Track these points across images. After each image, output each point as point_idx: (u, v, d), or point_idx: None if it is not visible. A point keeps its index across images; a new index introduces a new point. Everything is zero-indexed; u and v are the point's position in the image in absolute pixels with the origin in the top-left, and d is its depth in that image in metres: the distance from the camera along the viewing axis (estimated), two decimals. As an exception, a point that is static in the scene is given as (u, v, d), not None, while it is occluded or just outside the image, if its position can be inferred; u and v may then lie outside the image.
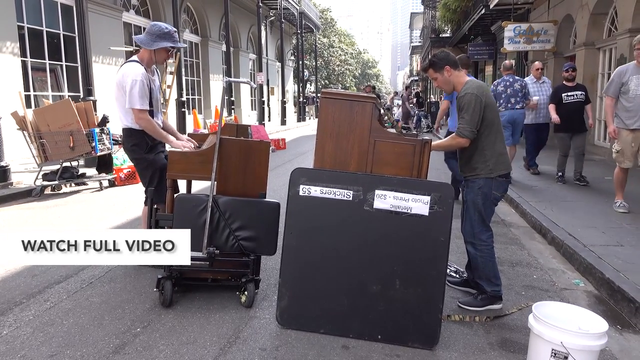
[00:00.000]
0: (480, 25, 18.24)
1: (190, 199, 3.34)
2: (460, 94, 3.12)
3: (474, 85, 3.13)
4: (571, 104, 7.05)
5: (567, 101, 7.05)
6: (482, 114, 3.05)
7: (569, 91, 7.11)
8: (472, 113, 3.02)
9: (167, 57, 3.74)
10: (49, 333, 2.88)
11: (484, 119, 3.07)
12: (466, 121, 3.05)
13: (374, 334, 2.81)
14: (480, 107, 3.03)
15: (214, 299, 3.32)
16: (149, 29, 3.64)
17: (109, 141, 7.50)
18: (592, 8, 10.45)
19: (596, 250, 4.11)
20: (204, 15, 19.06)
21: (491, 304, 3.25)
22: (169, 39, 3.63)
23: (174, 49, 3.73)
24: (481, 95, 3.05)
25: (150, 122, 3.62)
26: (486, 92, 3.11)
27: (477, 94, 3.05)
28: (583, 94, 7.09)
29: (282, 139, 13.69)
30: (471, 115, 3.03)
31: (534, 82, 7.83)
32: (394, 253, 2.84)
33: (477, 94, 3.04)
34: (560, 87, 7.28)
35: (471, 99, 3.04)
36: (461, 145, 3.13)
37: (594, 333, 2.28)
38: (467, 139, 3.07)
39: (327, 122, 3.05)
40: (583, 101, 7.08)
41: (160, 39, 3.60)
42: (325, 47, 49.96)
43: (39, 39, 10.97)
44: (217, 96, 19.60)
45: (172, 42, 3.66)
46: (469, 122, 3.04)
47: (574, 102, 7.06)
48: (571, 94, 7.09)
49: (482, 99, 3.04)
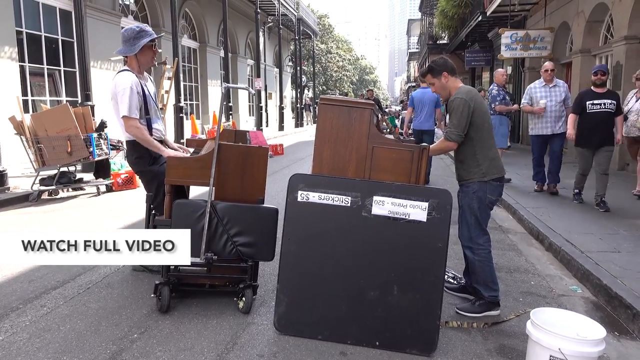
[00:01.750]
0: (477, 32, 18.33)
1: (189, 204, 3.34)
2: (451, 99, 3.21)
3: (463, 90, 3.22)
4: (597, 114, 5.88)
5: (592, 110, 5.90)
6: (469, 119, 3.12)
7: (596, 99, 5.93)
8: (460, 117, 3.11)
9: (153, 54, 3.70)
10: (45, 339, 2.86)
11: (473, 124, 3.14)
12: (453, 125, 3.14)
13: (372, 340, 2.81)
14: (468, 112, 3.11)
15: (211, 305, 3.31)
16: (124, 37, 3.60)
17: (107, 146, 7.50)
18: (588, 15, 10.53)
19: (593, 257, 4.12)
20: (202, 21, 19.10)
21: (489, 310, 3.25)
22: (145, 35, 3.59)
23: (155, 41, 3.67)
24: (470, 100, 3.13)
25: (140, 131, 3.56)
26: (475, 97, 3.18)
27: (466, 98, 3.13)
28: (613, 104, 5.92)
29: (280, 145, 13.70)
30: (458, 119, 3.12)
31: (543, 86, 6.84)
32: (392, 259, 2.84)
33: (466, 99, 3.12)
34: (585, 94, 6.13)
35: (459, 104, 3.12)
36: (450, 148, 3.27)
37: (591, 339, 2.29)
38: (454, 142, 3.17)
39: (325, 128, 3.06)
40: (612, 112, 5.92)
41: (136, 39, 3.57)
42: (323, 53, 50.09)
43: (37, 44, 10.97)
44: (215, 102, 19.61)
45: (149, 35, 3.60)
46: (456, 126, 3.13)
47: (601, 113, 5.88)
48: (598, 102, 5.91)
49: (471, 104, 3.12)
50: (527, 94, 7.00)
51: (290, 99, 35.56)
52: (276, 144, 13.82)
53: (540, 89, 6.88)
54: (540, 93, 6.84)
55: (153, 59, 3.74)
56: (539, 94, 6.83)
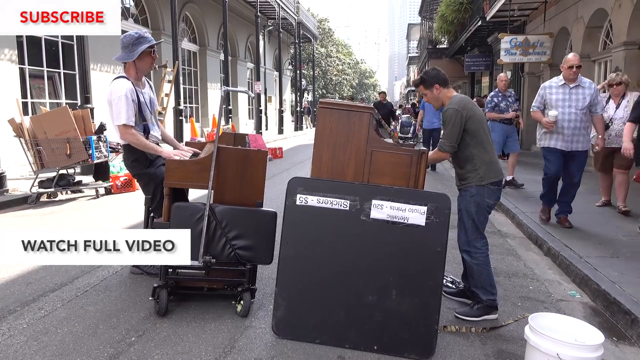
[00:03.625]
0: (477, 36, 18.40)
1: (187, 207, 3.33)
2: (444, 110, 3.26)
3: (455, 100, 3.26)
4: None
5: None
6: (462, 127, 3.17)
7: None
8: (452, 128, 3.17)
9: (151, 60, 3.69)
10: (42, 342, 2.85)
11: (467, 130, 3.19)
12: (445, 136, 3.22)
13: (370, 344, 2.80)
14: (460, 122, 3.15)
15: (209, 308, 3.31)
16: (122, 43, 3.58)
17: (106, 149, 7.49)
18: (587, 21, 10.56)
19: (592, 262, 4.11)
20: (202, 24, 19.14)
21: (487, 314, 3.25)
22: (144, 41, 3.58)
23: (153, 48, 3.67)
24: (462, 109, 3.17)
25: (136, 137, 3.55)
26: (467, 105, 3.22)
27: (458, 108, 3.17)
28: None
29: (279, 148, 13.70)
30: (450, 129, 3.18)
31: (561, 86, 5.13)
32: (390, 263, 2.83)
33: (458, 109, 3.17)
34: None
35: (452, 114, 3.18)
36: (443, 158, 3.40)
37: (590, 345, 2.28)
38: (447, 152, 3.26)
39: (324, 132, 3.07)
40: None
41: (135, 46, 3.56)
42: (323, 56, 50.18)
43: (37, 47, 10.97)
44: (214, 105, 19.62)
45: (148, 42, 3.59)
46: (448, 137, 3.20)
47: None
48: None
49: (463, 113, 3.16)
50: (540, 96, 5.27)
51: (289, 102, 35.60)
52: (275, 147, 13.82)
53: (556, 89, 5.12)
54: (556, 95, 5.09)
55: (152, 65, 3.73)
56: (554, 97, 5.10)
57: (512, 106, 7.94)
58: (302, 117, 30.14)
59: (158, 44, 3.79)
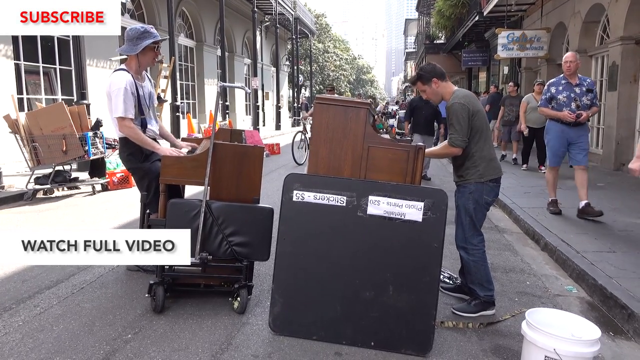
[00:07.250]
0: (474, 32, 18.38)
1: (183, 203, 3.32)
2: (449, 104, 3.20)
3: (460, 94, 3.21)
4: None
5: None
6: (470, 122, 3.12)
7: None
8: (462, 122, 3.10)
9: (154, 55, 3.68)
10: (38, 339, 2.84)
11: (472, 127, 3.14)
12: (457, 131, 3.12)
13: (367, 340, 2.80)
14: (468, 116, 3.11)
15: (206, 305, 3.30)
16: (127, 36, 3.58)
17: (102, 145, 7.46)
18: (584, 16, 10.56)
19: (589, 257, 4.12)
20: (199, 19, 19.06)
21: (484, 310, 3.25)
22: (149, 36, 3.57)
23: (158, 44, 3.67)
24: (468, 104, 3.13)
25: (134, 130, 3.54)
26: (472, 101, 3.18)
27: (464, 102, 3.12)
28: None
29: (276, 144, 13.68)
30: (461, 124, 3.11)
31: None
32: (387, 259, 2.83)
33: (464, 103, 3.12)
34: None
35: (459, 109, 3.11)
36: (454, 153, 3.23)
37: (586, 340, 2.29)
38: (459, 147, 3.15)
39: (321, 128, 3.05)
40: None
41: (140, 40, 3.55)
42: (320, 52, 50.09)
43: (32, 42, 10.92)
44: (211, 101, 19.58)
45: (153, 37, 3.59)
46: (459, 131, 3.11)
47: None
48: None
49: (470, 108, 3.12)
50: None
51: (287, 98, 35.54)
52: (273, 143, 13.79)
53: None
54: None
55: (154, 60, 3.73)
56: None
57: (578, 100, 5.50)
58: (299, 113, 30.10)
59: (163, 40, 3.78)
